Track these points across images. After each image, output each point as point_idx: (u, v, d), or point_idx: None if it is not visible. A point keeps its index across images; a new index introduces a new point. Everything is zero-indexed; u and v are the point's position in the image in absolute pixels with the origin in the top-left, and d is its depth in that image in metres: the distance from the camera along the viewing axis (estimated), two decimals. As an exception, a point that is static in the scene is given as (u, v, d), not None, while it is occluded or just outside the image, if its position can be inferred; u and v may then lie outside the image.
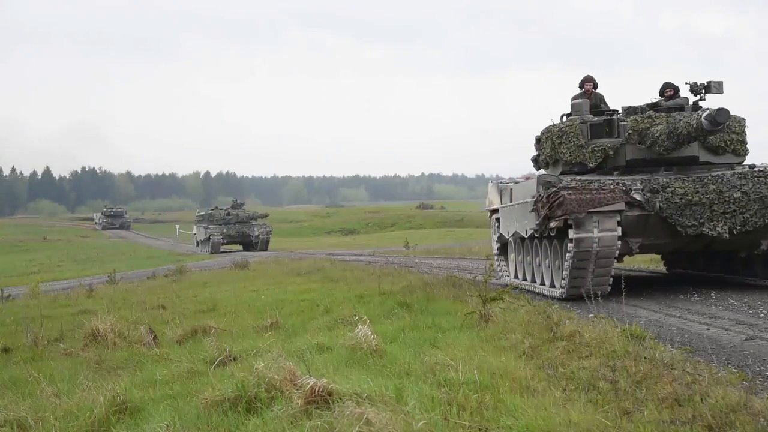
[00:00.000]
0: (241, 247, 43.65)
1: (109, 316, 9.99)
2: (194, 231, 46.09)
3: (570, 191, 10.52)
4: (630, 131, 11.58)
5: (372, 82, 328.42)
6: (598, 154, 11.69)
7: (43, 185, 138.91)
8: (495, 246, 15.14)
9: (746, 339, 7.39)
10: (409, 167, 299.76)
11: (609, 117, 11.98)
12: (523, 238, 12.86)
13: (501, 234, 14.16)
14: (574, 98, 12.57)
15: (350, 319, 8.90)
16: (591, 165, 11.75)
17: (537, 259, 12.51)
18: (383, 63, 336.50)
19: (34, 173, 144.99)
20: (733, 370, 6.08)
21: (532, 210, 11.24)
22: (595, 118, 11.95)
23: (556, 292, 11.38)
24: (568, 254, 10.73)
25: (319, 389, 5.13)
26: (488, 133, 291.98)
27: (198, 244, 44.60)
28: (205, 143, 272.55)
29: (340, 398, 5.06)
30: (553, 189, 10.72)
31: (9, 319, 12.42)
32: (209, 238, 41.79)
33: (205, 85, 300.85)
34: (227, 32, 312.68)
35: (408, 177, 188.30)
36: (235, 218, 43.36)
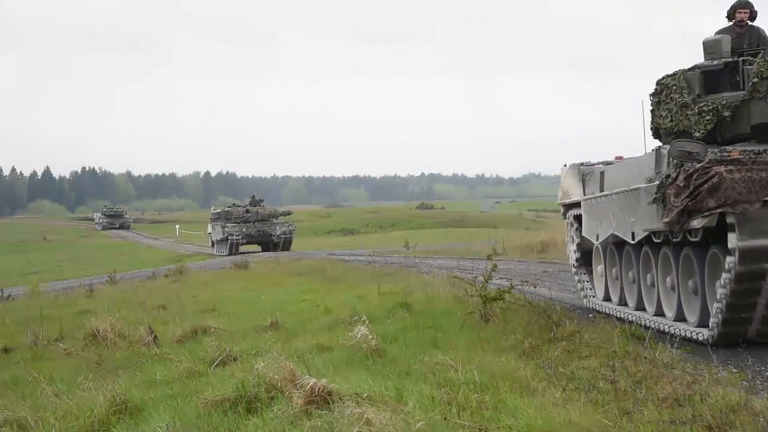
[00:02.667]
0: (260, 248, 39.90)
1: (110, 316, 10.01)
2: (209, 230, 42.52)
3: (730, 168, 6.65)
4: (755, 80, 7.48)
5: (372, 83, 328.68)
6: (707, 117, 7.72)
7: (43, 185, 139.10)
8: (573, 255, 10.90)
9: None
10: (409, 167, 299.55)
11: (735, 60, 7.88)
12: (620, 244, 9.21)
13: (584, 238, 10.24)
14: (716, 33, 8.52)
15: (350, 319, 8.90)
16: (697, 134, 7.76)
17: (648, 276, 8.56)
18: (383, 63, 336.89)
19: (34, 173, 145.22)
20: (733, 370, 6.08)
21: (654, 200, 7.48)
22: (716, 63, 7.93)
23: (695, 331, 7.43)
24: (725, 274, 6.77)
25: (319, 389, 5.14)
26: (488, 133, 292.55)
27: (213, 244, 41.27)
28: (205, 143, 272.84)
29: (340, 398, 5.06)
30: (698, 165, 6.89)
31: (9, 319, 12.45)
32: (227, 238, 38.31)
33: (205, 85, 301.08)
34: (227, 32, 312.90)
35: (408, 177, 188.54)
36: (254, 216, 39.50)
